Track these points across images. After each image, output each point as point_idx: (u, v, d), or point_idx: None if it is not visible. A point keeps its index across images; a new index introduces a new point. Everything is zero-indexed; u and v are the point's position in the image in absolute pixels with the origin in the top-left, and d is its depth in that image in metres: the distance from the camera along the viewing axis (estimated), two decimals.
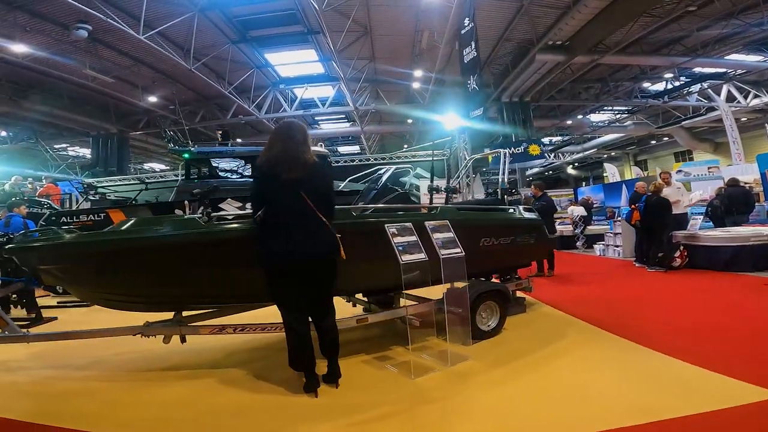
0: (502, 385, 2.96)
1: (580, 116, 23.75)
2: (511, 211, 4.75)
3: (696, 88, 18.59)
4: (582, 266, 8.96)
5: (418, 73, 16.30)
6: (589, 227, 11.08)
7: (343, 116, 21.95)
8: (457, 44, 12.04)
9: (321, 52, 14.79)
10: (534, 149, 16.20)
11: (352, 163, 11.46)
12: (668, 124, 22.66)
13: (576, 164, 33.99)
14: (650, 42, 14.53)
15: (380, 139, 26.13)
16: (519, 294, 5.04)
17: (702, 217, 8.90)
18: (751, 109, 19.18)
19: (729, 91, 18.64)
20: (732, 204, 9.15)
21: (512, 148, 17.45)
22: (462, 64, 11.78)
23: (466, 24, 10.87)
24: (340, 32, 12.61)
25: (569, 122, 24.06)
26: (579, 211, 12.43)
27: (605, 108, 23.29)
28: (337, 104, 18.86)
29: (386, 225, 3.24)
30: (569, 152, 29.92)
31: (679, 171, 15.32)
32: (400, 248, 3.12)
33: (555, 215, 9.13)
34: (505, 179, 5.21)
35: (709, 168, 15.18)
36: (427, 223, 3.50)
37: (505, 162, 5.30)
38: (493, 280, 4.86)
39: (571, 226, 12.46)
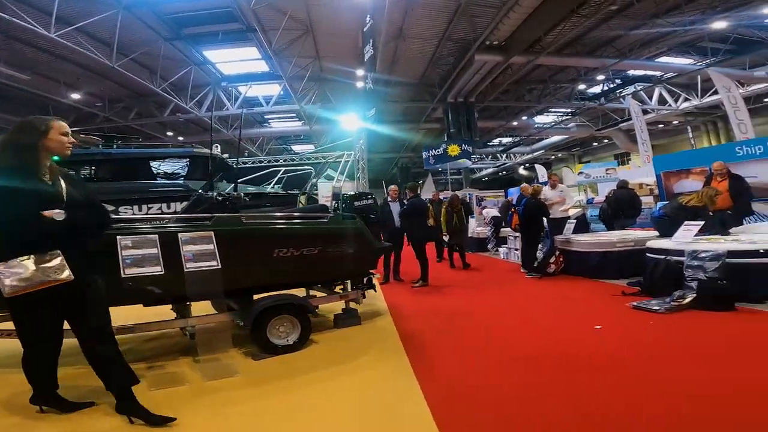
0: (233, 404, 2.83)
1: (525, 117, 23.62)
2: (326, 219, 4.40)
3: (630, 90, 18.56)
4: (471, 272, 8.60)
5: (360, 72, 15.65)
6: (503, 229, 10.57)
7: (294, 115, 21.01)
8: (376, 42, 11.38)
9: (263, 50, 13.92)
10: (453, 150, 15.78)
11: (245, 165, 10.60)
12: (607, 126, 22.80)
13: (527, 165, 34.07)
14: (585, 43, 14.42)
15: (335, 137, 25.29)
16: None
17: (573, 222, 8.48)
18: (681, 112, 19.33)
19: (660, 94, 18.72)
20: (619, 207, 8.79)
21: (432, 151, 17.23)
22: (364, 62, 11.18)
23: (367, 21, 10.18)
24: (284, 30, 12.06)
25: (515, 123, 23.94)
26: (493, 212, 12.03)
27: (550, 110, 23.22)
28: (284, 103, 17.94)
29: (117, 237, 3.01)
30: (520, 153, 29.90)
31: (581, 173, 15.12)
32: (128, 261, 2.96)
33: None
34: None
35: (607, 170, 15.11)
36: (181, 235, 3.21)
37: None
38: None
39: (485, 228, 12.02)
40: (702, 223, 5.27)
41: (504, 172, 34.71)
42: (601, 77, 18.00)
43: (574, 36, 13.45)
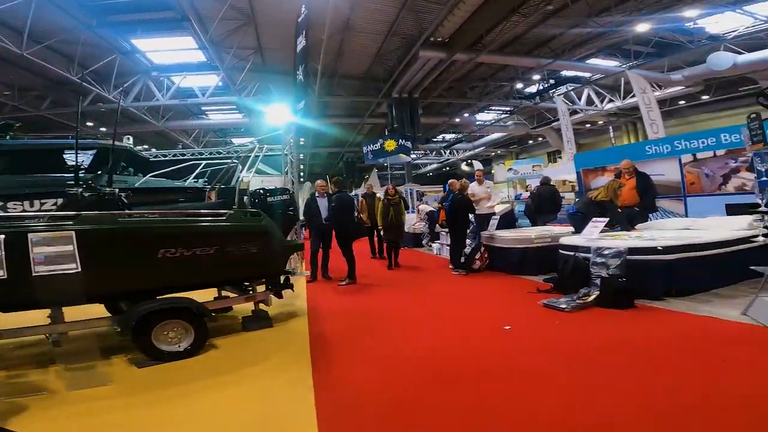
0: (92, 415, 2.60)
1: (467, 115, 23.92)
2: (224, 216, 4.08)
3: (562, 90, 19.14)
4: (401, 269, 8.41)
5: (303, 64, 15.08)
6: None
7: (234, 107, 20.04)
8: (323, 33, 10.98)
9: (200, 39, 13.06)
10: (389, 144, 15.72)
11: (164, 158, 9.95)
12: (541, 125, 23.47)
13: (468, 161, 34.67)
14: (523, 43, 14.64)
15: None
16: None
17: (497, 218, 8.38)
18: (606, 113, 20.23)
19: (588, 95, 19.47)
20: (542, 203, 8.96)
21: (371, 145, 17.18)
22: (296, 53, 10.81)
23: (302, 11, 9.80)
24: (222, 20, 11.37)
25: (458, 120, 24.21)
26: (428, 208, 12.01)
27: (490, 108, 23.64)
28: (223, 94, 17.04)
29: None
30: (462, 149, 30.32)
31: (511, 169, 15.44)
32: None
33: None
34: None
35: (533, 167, 15.55)
36: (31, 236, 2.85)
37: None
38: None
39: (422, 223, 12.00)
40: (607, 219, 5.37)
41: (447, 168, 35.18)
42: (537, 77, 18.46)
43: (514, 35, 13.62)
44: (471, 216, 7.68)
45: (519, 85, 19.87)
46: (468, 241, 7.80)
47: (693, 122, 20.05)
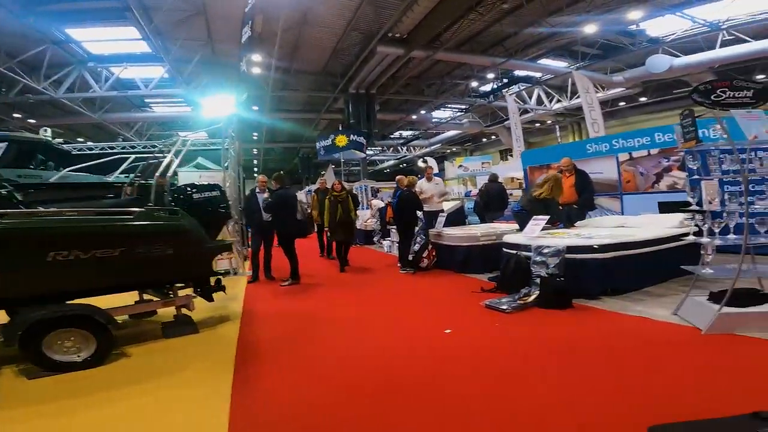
0: None
1: (423, 112, 23.92)
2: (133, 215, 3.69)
3: (514, 90, 19.42)
4: (347, 269, 7.96)
5: (256, 57, 14.51)
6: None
7: (182, 100, 18.99)
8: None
9: (144, 30, 12.17)
10: (341, 140, 15.49)
11: (90, 152, 9.25)
12: (494, 123, 23.80)
13: (424, 158, 34.81)
14: (479, 41, 14.69)
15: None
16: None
17: (444, 215, 8.27)
18: (554, 112, 20.75)
19: (539, 95, 19.87)
20: (490, 200, 8.95)
21: (323, 141, 16.89)
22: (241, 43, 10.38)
23: (249, 2, 9.33)
24: (169, 10, 10.79)
25: (414, 117, 24.17)
26: (380, 204, 11.86)
27: (446, 105, 23.73)
28: (169, 86, 16.08)
29: None
30: (419, 146, 30.36)
31: (461, 166, 15.49)
32: None
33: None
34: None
35: (482, 164, 15.71)
36: None
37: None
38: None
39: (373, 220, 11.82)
40: (548, 217, 5.33)
41: (404, 165, 35.20)
42: (491, 75, 18.64)
43: (471, 34, 13.63)
44: (420, 213, 7.53)
45: (474, 84, 20.01)
46: (418, 239, 7.66)
47: (632, 123, 20.92)
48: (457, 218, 9.24)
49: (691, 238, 3.79)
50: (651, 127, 9.14)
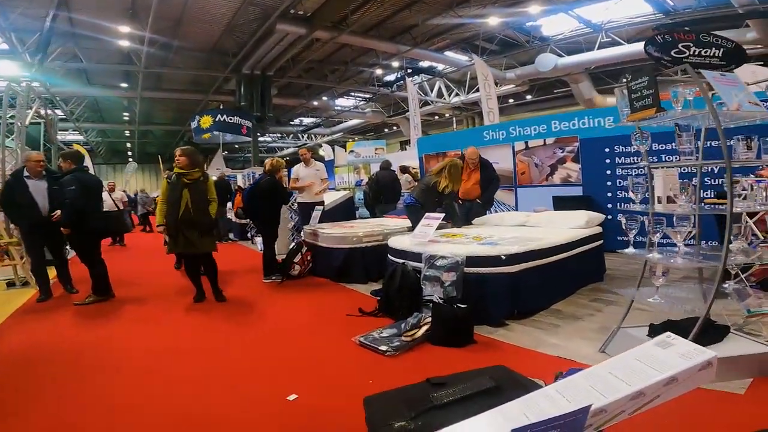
0: None
1: (325, 98, 22.04)
2: None
3: (418, 80, 18.46)
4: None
5: (124, 29, 11.71)
6: None
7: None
8: None
9: None
10: (205, 121, 13.66)
11: None
12: (396, 114, 22.80)
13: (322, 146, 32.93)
14: (387, 27, 13.20)
15: (90, 103, 19.37)
16: None
17: (320, 209, 6.27)
18: (452, 106, 20.26)
19: (439, 87, 19.16)
20: (381, 191, 7.60)
21: (193, 122, 14.71)
22: None
23: None
24: None
25: (316, 104, 22.20)
26: None
27: (350, 93, 22.15)
28: (8, 58, 12.30)
29: None
30: (320, 134, 28.43)
31: (352, 151, 13.89)
32: None
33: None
34: None
35: (376, 150, 14.39)
36: None
37: None
38: None
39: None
40: (442, 215, 3.96)
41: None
42: (396, 64, 17.42)
43: (379, 19, 12.23)
44: (295, 206, 5.87)
45: (379, 72, 18.66)
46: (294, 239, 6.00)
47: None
48: (345, 212, 7.72)
49: (630, 250, 2.64)
50: (548, 114, 8.44)
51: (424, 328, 3.01)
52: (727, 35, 8.64)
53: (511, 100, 20.94)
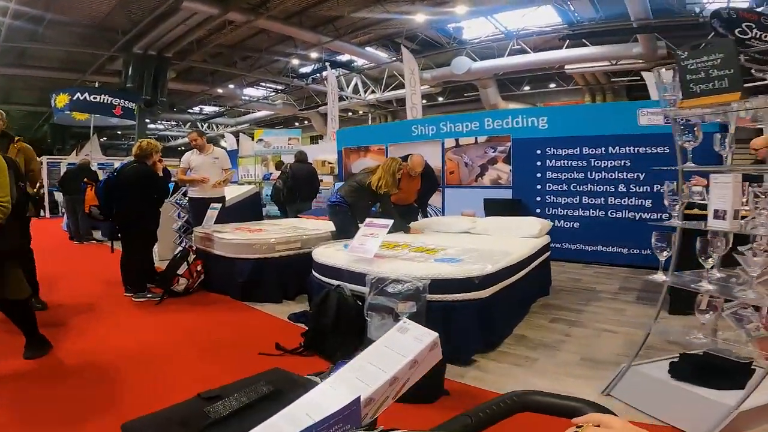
0: None
1: (232, 86, 19.89)
2: None
3: (336, 73, 17.42)
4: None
5: None
6: None
7: None
8: None
9: None
10: (61, 100, 12.03)
11: None
12: (309, 107, 21.57)
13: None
14: (310, 17, 11.98)
15: None
16: None
17: (218, 207, 4.83)
18: (367, 103, 19.67)
19: (356, 84, 18.43)
20: (296, 186, 6.57)
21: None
22: None
23: None
24: None
25: (220, 91, 19.95)
26: None
27: (261, 83, 20.31)
28: None
29: None
30: (224, 124, 25.94)
31: (260, 140, 12.48)
32: None
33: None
34: None
35: (290, 139, 13.21)
36: None
37: None
38: None
39: None
40: (389, 222, 3.07)
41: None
42: (315, 55, 16.17)
43: (302, 6, 11.11)
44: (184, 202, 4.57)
45: (295, 62, 17.23)
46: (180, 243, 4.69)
47: None
48: (249, 211, 6.48)
49: (659, 277, 2.02)
50: (481, 111, 8.09)
51: None
52: (616, 49, 9.18)
53: (424, 101, 20.98)
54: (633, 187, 5.61)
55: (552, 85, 17.24)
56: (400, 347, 0.77)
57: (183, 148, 28.31)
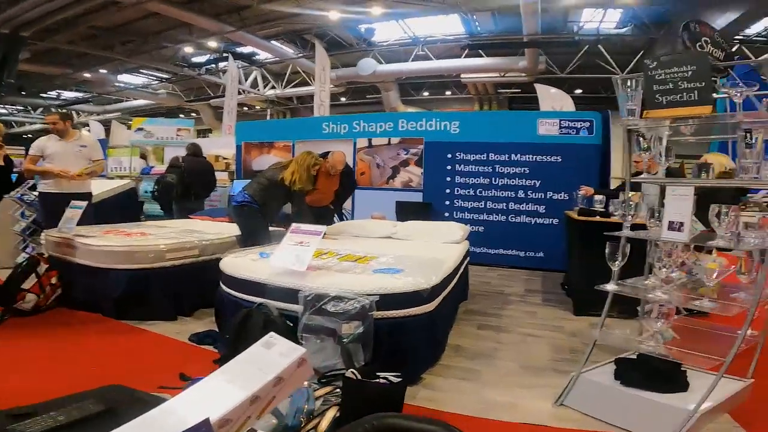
0: None
1: (104, 71, 17.04)
2: None
3: (235, 64, 16.02)
4: None
5: None
6: None
7: None
8: None
9: None
10: None
11: None
12: (198, 99, 19.67)
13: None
14: (216, 3, 10.79)
15: None
16: None
17: (81, 206, 3.81)
18: (265, 98, 18.62)
19: (255, 78, 17.28)
20: (193, 182, 5.84)
21: None
22: None
23: None
24: None
25: (87, 75, 16.99)
26: None
27: (143, 70, 17.79)
28: None
29: None
30: (89, 112, 22.35)
31: (141, 129, 10.94)
32: None
33: None
34: None
35: (179, 130, 11.87)
36: None
37: None
38: None
39: None
40: (323, 229, 2.68)
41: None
42: (214, 44, 14.54)
43: None
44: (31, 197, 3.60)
45: (189, 50, 15.36)
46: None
47: None
48: (122, 210, 5.45)
49: (611, 287, 2.00)
50: (395, 112, 8.00)
51: (331, 414, 1.76)
52: (506, 61, 10.03)
53: (326, 101, 20.60)
54: (530, 194, 6.00)
55: (448, 93, 18.15)
56: (263, 364, 0.74)
57: (30, 135, 23.67)
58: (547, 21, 9.58)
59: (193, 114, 22.24)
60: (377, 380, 1.74)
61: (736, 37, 8.79)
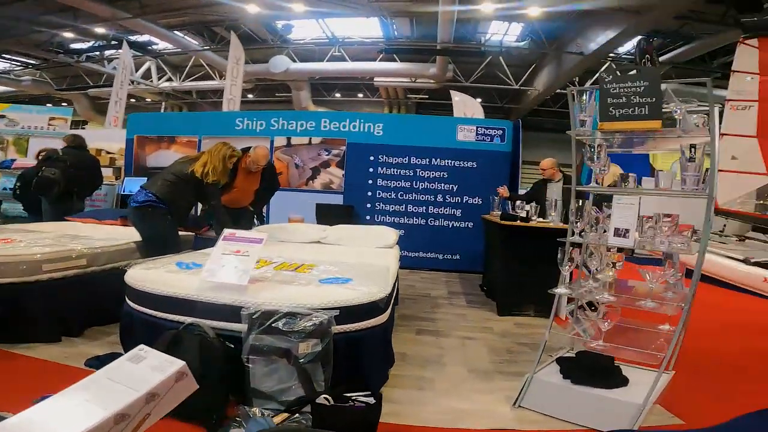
0: None
1: None
2: None
3: (125, 53, 14.05)
4: None
5: None
6: None
7: None
8: None
9: None
10: None
11: None
12: (72, 88, 17.04)
13: None
14: None
15: None
16: None
17: None
18: (158, 90, 16.83)
19: (149, 69, 15.44)
20: (75, 177, 4.91)
21: None
22: None
23: None
24: None
25: None
26: None
27: (4, 55, 14.80)
28: None
29: None
30: None
31: (3, 116, 9.07)
32: None
33: None
34: None
35: (52, 120, 10.21)
36: None
37: None
38: None
39: None
40: (264, 236, 2.33)
41: None
42: (102, 31, 12.46)
43: None
44: None
45: (69, 35, 13.01)
46: None
47: None
48: None
49: (561, 290, 2.06)
50: (317, 111, 7.66)
51: None
52: (418, 67, 10.46)
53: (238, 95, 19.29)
54: (448, 198, 6.21)
55: (360, 95, 18.22)
56: (130, 380, 0.68)
57: None
58: (460, 31, 10.10)
59: (64, 104, 19.13)
60: (352, 403, 1.56)
61: (610, 54, 10.12)
